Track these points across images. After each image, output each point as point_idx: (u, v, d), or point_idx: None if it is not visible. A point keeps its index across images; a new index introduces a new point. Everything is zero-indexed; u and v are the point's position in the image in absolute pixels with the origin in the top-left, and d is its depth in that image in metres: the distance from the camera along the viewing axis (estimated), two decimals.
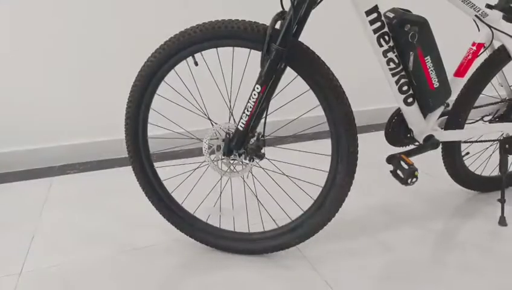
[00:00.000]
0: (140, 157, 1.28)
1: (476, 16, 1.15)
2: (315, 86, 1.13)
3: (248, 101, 1.14)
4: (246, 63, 1.25)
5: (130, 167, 1.33)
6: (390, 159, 1.21)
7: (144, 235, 1.40)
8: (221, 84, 1.35)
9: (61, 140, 1.83)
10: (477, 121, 1.33)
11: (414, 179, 1.16)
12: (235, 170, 1.24)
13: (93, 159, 1.89)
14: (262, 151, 1.18)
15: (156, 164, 1.33)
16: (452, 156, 1.41)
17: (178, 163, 1.59)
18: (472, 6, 1.14)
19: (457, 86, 1.23)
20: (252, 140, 1.18)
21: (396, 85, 1.15)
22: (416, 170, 1.16)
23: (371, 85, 2.14)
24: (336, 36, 1.99)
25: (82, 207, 1.55)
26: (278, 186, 1.40)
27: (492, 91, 1.39)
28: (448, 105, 1.24)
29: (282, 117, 1.38)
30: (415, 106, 1.19)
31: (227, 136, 1.20)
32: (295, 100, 1.31)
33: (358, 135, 1.18)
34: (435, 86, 1.16)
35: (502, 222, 1.33)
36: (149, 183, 1.30)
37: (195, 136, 1.39)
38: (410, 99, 1.18)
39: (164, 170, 1.40)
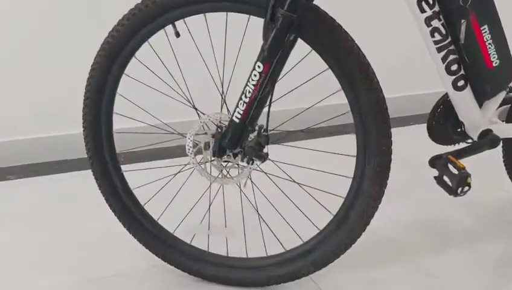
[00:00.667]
0: (103, 158, 1.29)
1: None
2: (335, 64, 1.13)
3: (246, 84, 1.15)
4: (244, 34, 1.23)
5: (90, 170, 1.33)
6: (435, 162, 1.21)
7: (110, 261, 1.39)
8: (210, 62, 1.31)
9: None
10: None
11: (466, 188, 1.15)
12: (228, 176, 1.25)
13: (41, 160, 1.87)
14: (265, 150, 1.19)
15: (124, 167, 1.34)
16: None
17: (153, 166, 1.56)
18: None
19: None
20: (251, 136, 1.18)
21: (443, 63, 1.14)
22: (469, 175, 1.16)
23: (408, 63, 2.13)
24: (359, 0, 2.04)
25: (25, 225, 1.54)
26: (285, 197, 1.37)
27: None
28: (511, 90, 1.25)
29: (292, 105, 1.37)
30: (468, 91, 1.18)
31: (219, 130, 1.21)
32: (308, 83, 1.31)
33: (391, 129, 1.18)
34: (494, 65, 1.15)
35: None
36: (114, 192, 1.31)
37: (176, 131, 1.33)
38: (461, 82, 1.17)
39: (135, 175, 1.38)
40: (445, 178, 1.17)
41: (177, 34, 1.17)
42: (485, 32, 1.11)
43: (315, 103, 1.36)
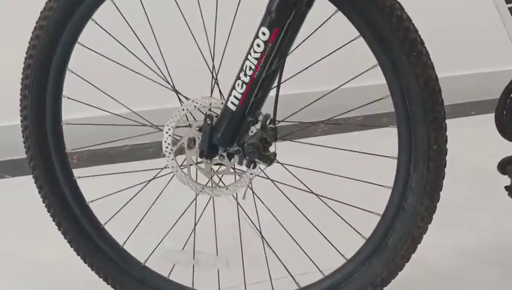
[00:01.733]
0: (48, 158, 1.28)
1: None
2: (369, 29, 1.12)
3: (246, 58, 1.14)
4: None
5: (30, 176, 1.34)
6: (507, 166, 1.20)
7: None
8: (196, 28, 1.31)
9: None
10: None
11: None
12: (221, 184, 1.25)
13: None
14: (272, 149, 1.19)
15: (76, 172, 1.34)
16: None
17: (118, 170, 1.53)
18: None
19: None
20: (253, 129, 1.18)
21: None
22: None
23: (466, 31, 2.13)
24: None
25: None
26: (298, 213, 1.37)
27: None
28: None
29: (308, 88, 1.44)
30: None
31: (208, 122, 1.20)
32: (332, 57, 1.30)
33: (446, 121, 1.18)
34: None
35: None
36: (64, 206, 1.31)
37: (149, 122, 1.34)
38: None
39: (93, 183, 1.38)
40: None
41: None
42: None
43: (340, 84, 1.33)
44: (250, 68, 1.13)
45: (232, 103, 1.17)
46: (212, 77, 1.27)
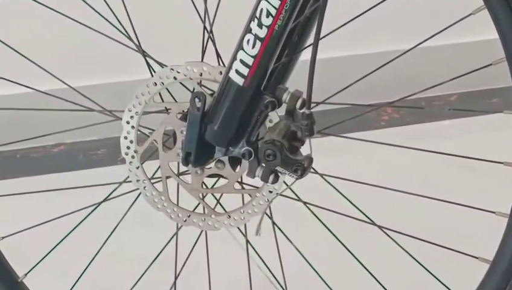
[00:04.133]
0: None
1: None
2: None
3: None
4: None
5: None
6: None
7: None
8: None
9: None
10: None
11: None
12: (219, 210, 1.23)
13: None
14: (303, 150, 1.15)
15: None
16: None
17: (45, 186, 1.51)
18: None
19: None
20: (273, 116, 1.16)
21: None
22: None
23: None
24: None
25: None
26: (350, 257, 1.33)
27: None
28: None
29: (363, 48, 1.46)
30: None
31: (198, 103, 1.17)
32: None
33: None
34: None
35: None
36: None
37: (99, 105, 1.36)
38: None
39: (3, 208, 1.43)
40: None
41: None
42: None
43: (420, 42, 1.28)
44: (269, 13, 1.08)
45: (237, 72, 1.11)
46: (205, 28, 1.22)
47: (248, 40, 1.10)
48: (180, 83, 1.19)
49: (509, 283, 1.20)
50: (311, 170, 1.14)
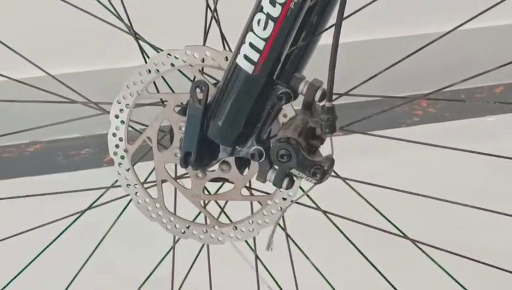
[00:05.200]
0: None
1: None
2: None
3: None
4: None
5: None
6: None
7: None
8: None
9: None
10: None
11: None
12: (224, 220, 1.24)
13: None
14: (323, 150, 1.16)
15: None
16: None
17: (18, 192, 1.52)
18: None
19: None
20: (288, 109, 1.16)
21: None
22: None
23: None
24: None
25: None
26: (375, 274, 1.34)
27: None
28: None
29: (392, 30, 1.50)
30: None
31: (199, 94, 1.18)
32: None
33: None
34: None
35: None
36: None
37: (83, 97, 1.38)
38: None
39: None
40: None
41: None
42: None
43: (461, 23, 1.24)
44: None
45: (246, 58, 1.11)
46: (207, 6, 1.24)
47: (259, 20, 1.10)
48: (179, 70, 1.19)
49: None
50: (332, 173, 1.14)
